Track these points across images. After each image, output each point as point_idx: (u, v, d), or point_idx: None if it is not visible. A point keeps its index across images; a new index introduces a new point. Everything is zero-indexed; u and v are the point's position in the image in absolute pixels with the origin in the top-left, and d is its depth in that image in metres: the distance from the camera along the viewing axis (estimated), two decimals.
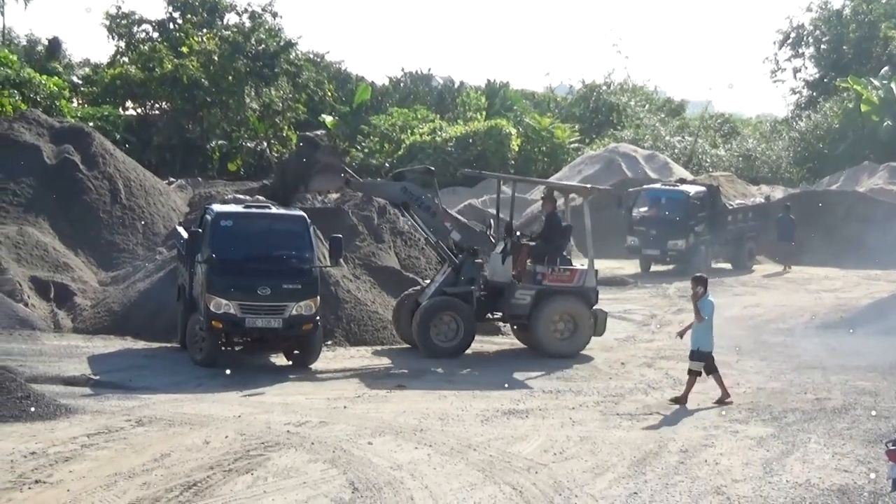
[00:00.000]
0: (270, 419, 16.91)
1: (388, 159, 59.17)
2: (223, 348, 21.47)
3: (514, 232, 24.18)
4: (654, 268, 40.02)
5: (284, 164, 25.09)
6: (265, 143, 60.49)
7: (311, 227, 21.79)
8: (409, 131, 61.75)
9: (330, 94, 70.09)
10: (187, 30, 61.40)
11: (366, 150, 63.20)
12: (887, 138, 61.31)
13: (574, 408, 18.60)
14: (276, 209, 22.39)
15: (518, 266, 23.70)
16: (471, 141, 58.88)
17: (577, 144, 67.54)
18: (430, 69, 78.66)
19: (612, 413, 18.34)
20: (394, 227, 29.00)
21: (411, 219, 24.60)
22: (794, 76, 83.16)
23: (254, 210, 22.16)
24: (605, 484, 14.15)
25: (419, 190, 23.88)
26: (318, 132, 64.04)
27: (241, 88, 59.05)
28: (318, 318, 21.36)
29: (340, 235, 22.74)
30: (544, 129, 64.85)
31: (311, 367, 21.50)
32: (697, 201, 40.23)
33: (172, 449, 14.88)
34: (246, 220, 21.79)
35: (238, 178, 54.68)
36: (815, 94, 79.35)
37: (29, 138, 32.59)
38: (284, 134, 61.81)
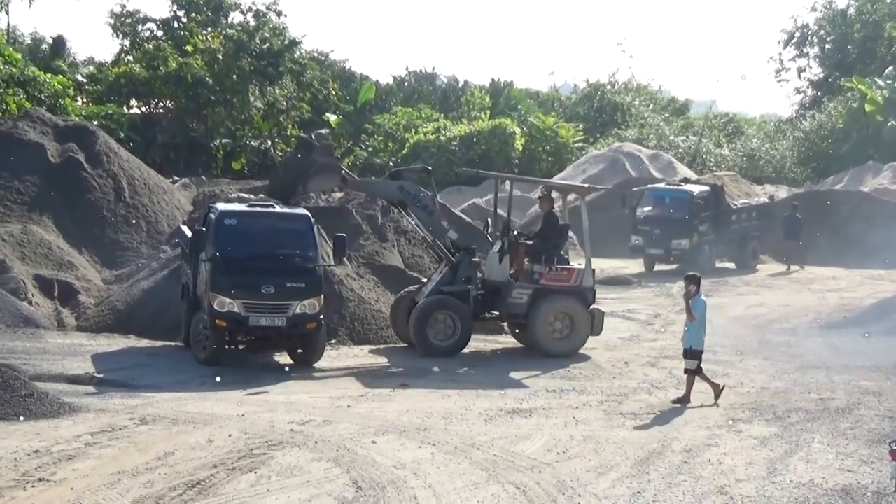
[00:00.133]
0: (274, 418, 16.91)
1: (392, 158, 59.16)
2: (227, 347, 21.48)
3: (511, 231, 24.15)
4: (657, 267, 39.99)
5: (282, 166, 25.09)
6: (269, 142, 60.52)
7: (315, 226, 21.79)
8: (413, 130, 61.75)
9: (334, 92, 70.08)
10: (192, 28, 61.43)
11: (370, 149, 63.21)
12: (891, 138, 61.23)
13: (578, 407, 18.59)
14: (280, 208, 22.39)
15: (515, 265, 23.68)
16: (475, 140, 58.85)
17: (581, 144, 67.54)
18: (434, 68, 78.95)
19: (615, 412, 18.33)
20: (398, 226, 28.99)
21: (408, 218, 24.61)
22: (799, 76, 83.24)
23: (258, 209, 22.17)
24: (609, 483, 14.14)
25: (416, 188, 23.81)
26: (323, 130, 64.28)
27: (246, 87, 59.06)
28: (321, 316, 21.35)
29: (344, 234, 22.70)
30: (548, 129, 64.85)
31: (314, 365, 21.52)
32: (701, 201, 40.20)
33: (176, 447, 14.88)
34: (250, 218, 21.79)
35: (242, 176, 54.72)
36: (819, 93, 79.33)
37: (33, 137, 32.63)
38: (288, 133, 61.83)
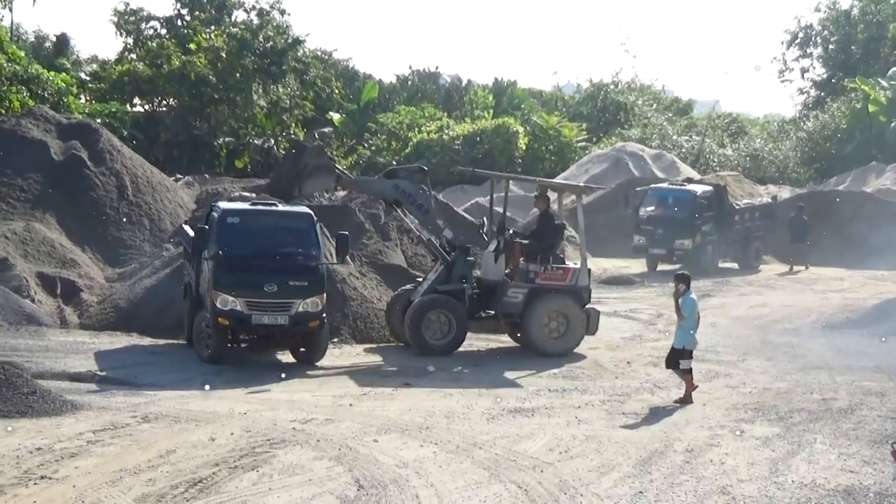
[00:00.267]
0: (276, 416, 16.92)
1: (396, 157, 59.14)
2: (229, 345, 21.49)
3: (506, 230, 24.12)
4: (660, 267, 39.95)
5: (275, 171, 25.06)
6: (272, 141, 60.52)
7: (318, 224, 21.80)
8: (417, 129, 61.75)
9: (337, 91, 70.08)
10: (195, 27, 61.45)
11: (373, 148, 63.22)
12: (895, 139, 61.19)
13: (580, 406, 18.59)
14: (283, 206, 22.39)
15: (511, 264, 23.67)
16: (478, 139, 58.84)
17: (584, 143, 67.51)
18: (437, 67, 78.73)
19: (617, 412, 18.32)
20: (400, 225, 28.98)
21: (404, 217, 24.59)
22: (802, 76, 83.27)
23: (260, 207, 22.16)
24: (611, 483, 14.14)
25: (412, 187, 23.75)
26: (326, 129, 64.32)
27: (249, 85, 59.08)
28: (324, 315, 21.37)
29: (347, 232, 22.69)
30: (552, 128, 64.81)
31: (317, 364, 21.54)
32: (704, 201, 40.18)
33: (178, 445, 14.89)
34: (252, 217, 21.80)
35: (245, 175, 54.72)
36: (822, 94, 79.31)
37: (36, 134, 32.68)
38: (292, 131, 61.85)
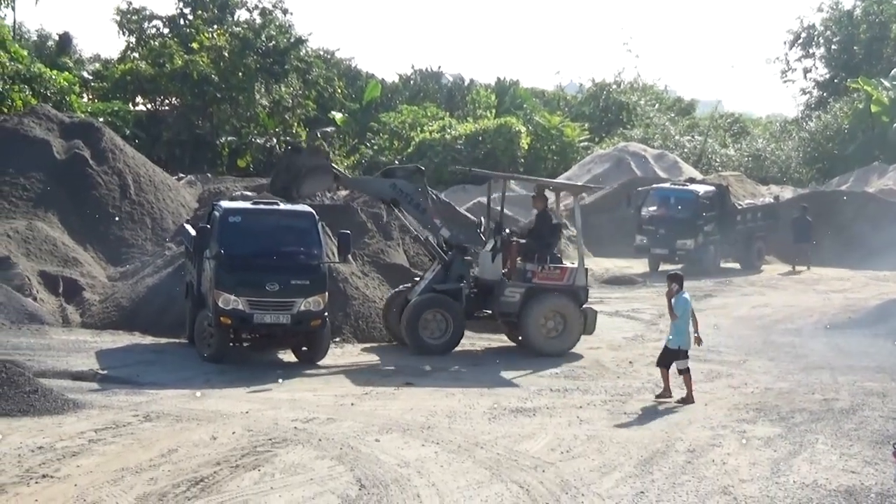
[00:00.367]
0: (278, 415, 16.92)
1: (398, 157, 59.10)
2: (231, 344, 21.51)
3: (503, 230, 24.11)
4: (662, 267, 39.85)
5: (273, 174, 25.00)
6: (275, 140, 60.48)
7: (320, 224, 21.81)
8: (419, 129, 61.68)
9: (340, 90, 70.04)
10: (198, 26, 61.42)
11: (375, 148, 63.18)
12: None
13: (581, 406, 18.59)
14: (284, 205, 22.39)
15: (508, 264, 23.66)
16: (480, 139, 58.76)
17: (586, 143, 67.43)
18: (440, 67, 78.53)
19: (619, 412, 18.33)
20: (403, 225, 28.89)
21: (401, 216, 24.59)
22: (805, 76, 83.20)
23: (262, 206, 22.17)
24: (612, 483, 14.14)
25: (409, 187, 23.70)
26: (328, 129, 64.31)
27: (251, 85, 59.05)
28: (326, 314, 21.38)
29: (349, 231, 22.70)
30: (554, 128, 64.72)
31: (318, 363, 21.55)
32: (707, 201, 40.19)
33: (180, 444, 14.90)
34: (254, 216, 21.80)
35: (248, 174, 54.70)
36: (825, 94, 79.24)
37: (39, 133, 32.68)
38: (294, 130, 61.79)
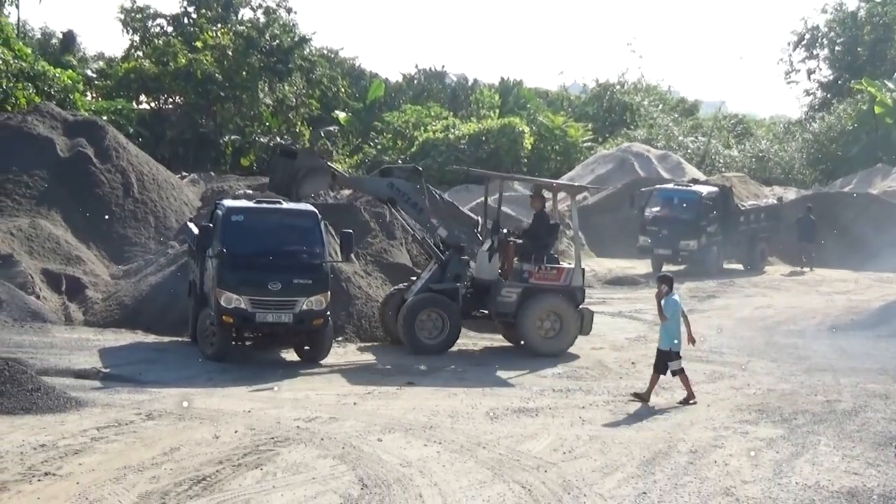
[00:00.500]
0: (280, 414, 16.93)
1: (401, 156, 59.09)
2: (234, 343, 21.52)
3: (500, 230, 24.10)
4: (665, 268, 39.93)
5: (270, 178, 24.96)
6: (278, 139, 60.48)
7: (322, 223, 21.81)
8: (423, 128, 61.65)
9: (343, 90, 70.05)
10: (202, 24, 61.44)
11: (378, 147, 63.16)
12: None
13: (584, 407, 18.59)
14: (287, 204, 22.40)
15: (505, 264, 23.65)
16: (484, 139, 58.74)
17: (590, 143, 67.42)
18: (443, 66, 78.61)
19: (622, 413, 18.33)
20: (406, 224, 28.98)
21: (398, 215, 24.59)
22: (809, 77, 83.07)
23: (265, 205, 22.16)
24: (615, 483, 14.14)
25: (407, 186, 23.69)
26: (332, 128, 64.32)
27: (255, 84, 59.05)
28: (328, 313, 21.39)
29: (351, 231, 22.72)
30: (557, 128, 64.71)
31: (321, 362, 21.55)
32: (710, 202, 40.20)
33: (182, 443, 14.90)
34: (257, 214, 21.79)
35: (251, 173, 54.68)
36: (828, 95, 79.16)
37: (42, 131, 32.70)
38: (298, 129, 61.82)
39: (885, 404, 19.45)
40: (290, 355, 22.25)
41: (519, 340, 23.86)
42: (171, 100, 60.76)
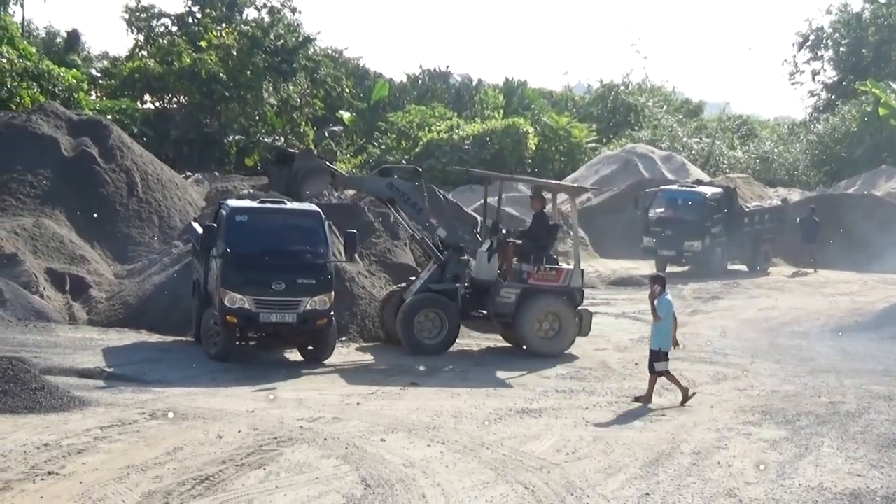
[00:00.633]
0: (283, 414, 16.92)
1: (405, 156, 59.13)
2: (237, 343, 21.52)
3: (499, 230, 24.09)
4: (669, 269, 39.88)
5: (270, 182, 24.96)
6: (283, 139, 60.55)
7: (326, 223, 21.80)
8: (427, 129, 61.69)
9: (348, 90, 70.12)
10: (206, 24, 61.53)
11: (383, 147, 63.21)
12: None
13: (587, 408, 18.57)
14: (291, 204, 22.39)
15: (504, 264, 23.65)
16: (488, 139, 58.77)
17: (594, 144, 67.46)
18: (448, 67, 78.66)
19: (625, 413, 18.31)
20: (405, 224, 28.96)
21: (397, 215, 24.60)
22: (813, 79, 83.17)
23: (269, 205, 22.15)
24: (618, 484, 14.12)
25: (406, 186, 23.69)
26: (336, 128, 64.35)
27: (260, 83, 59.14)
28: (332, 313, 21.38)
29: (355, 231, 22.69)
30: (562, 129, 64.73)
31: (324, 362, 21.55)
32: (714, 203, 40.19)
33: (185, 443, 14.90)
34: (261, 214, 21.78)
35: (255, 172, 54.73)
36: (833, 96, 79.18)
37: (47, 130, 32.72)
38: (302, 129, 61.89)
39: (888, 406, 19.42)
40: (293, 355, 22.25)
41: (517, 341, 23.86)
42: (175, 99, 60.87)
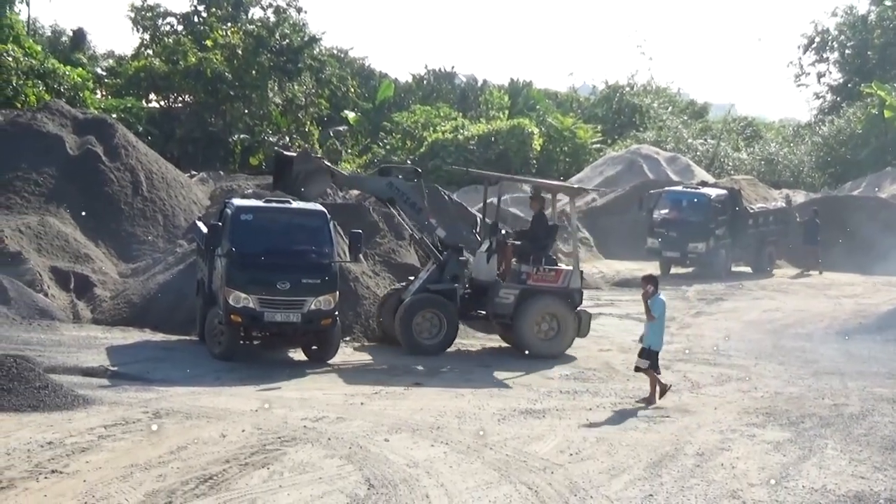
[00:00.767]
0: (287, 414, 16.93)
1: (410, 157, 59.09)
2: (242, 342, 21.52)
3: (499, 230, 24.07)
4: (673, 270, 39.94)
5: (273, 185, 24.97)
6: (287, 138, 60.55)
7: (331, 222, 21.81)
8: (432, 129, 61.63)
9: (353, 90, 70.12)
10: (212, 23, 61.57)
11: (387, 147, 63.17)
12: None
13: (591, 408, 18.57)
14: (296, 204, 22.40)
15: (503, 265, 23.63)
16: (493, 140, 58.72)
17: (599, 145, 67.38)
18: (453, 67, 78.52)
19: (628, 414, 18.31)
20: (405, 224, 28.96)
21: (397, 214, 24.58)
22: (818, 81, 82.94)
23: (273, 204, 22.16)
24: (621, 485, 14.12)
25: (406, 185, 23.66)
26: (341, 128, 64.38)
27: (265, 83, 59.13)
28: (336, 313, 21.39)
29: (360, 231, 22.67)
30: (567, 130, 64.66)
31: (328, 362, 21.55)
32: (718, 204, 40.16)
33: (189, 442, 14.91)
34: (266, 214, 21.80)
35: (260, 172, 54.69)
36: (838, 98, 79.01)
37: (52, 129, 32.75)
38: (307, 129, 61.87)
39: (892, 408, 19.40)
40: (297, 355, 22.26)
41: (515, 342, 23.84)
42: (180, 98, 60.88)
